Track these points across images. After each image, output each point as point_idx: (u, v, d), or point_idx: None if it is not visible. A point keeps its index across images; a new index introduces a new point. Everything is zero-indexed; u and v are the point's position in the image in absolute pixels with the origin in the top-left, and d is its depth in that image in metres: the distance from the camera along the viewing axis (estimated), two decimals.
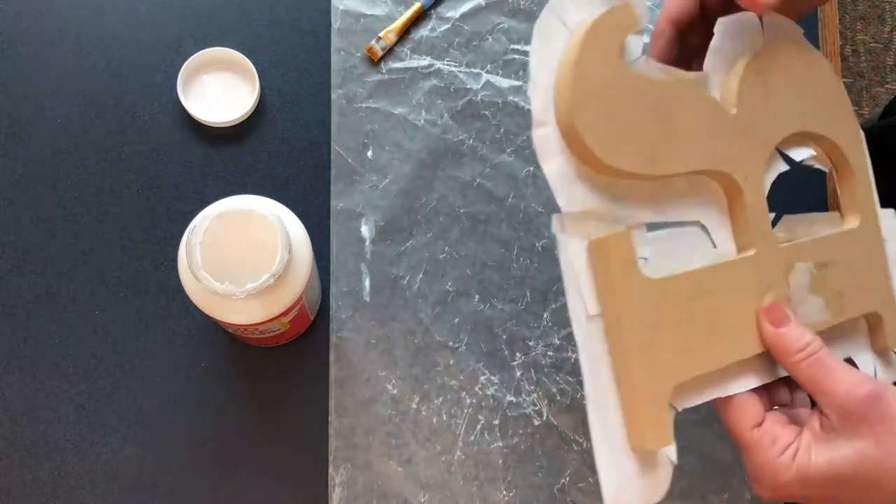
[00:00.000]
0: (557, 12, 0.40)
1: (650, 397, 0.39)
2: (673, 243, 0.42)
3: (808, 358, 0.40)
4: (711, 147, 0.42)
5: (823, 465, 0.38)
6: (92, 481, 0.59)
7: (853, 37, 1.56)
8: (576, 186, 0.40)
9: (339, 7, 0.68)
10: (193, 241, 0.48)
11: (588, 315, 0.39)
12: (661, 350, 0.39)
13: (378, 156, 0.66)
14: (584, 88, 0.38)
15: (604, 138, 0.39)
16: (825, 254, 0.45)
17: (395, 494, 0.59)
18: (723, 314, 0.41)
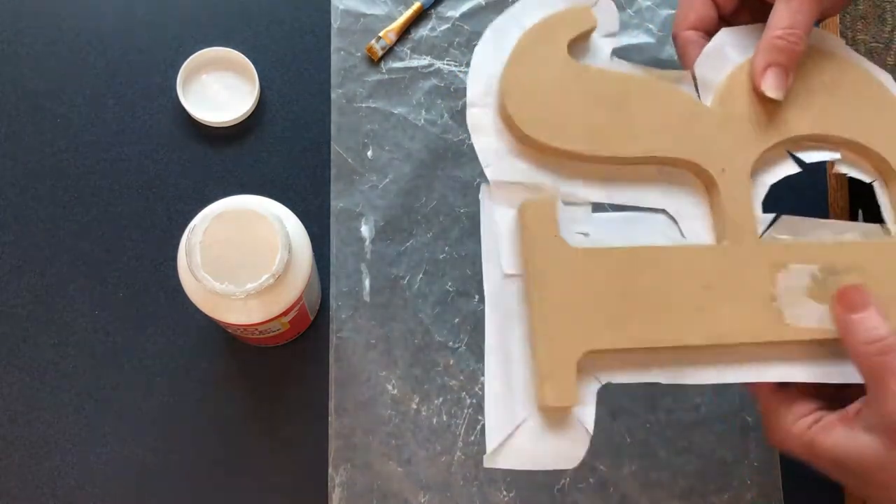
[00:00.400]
0: (516, 15, 0.43)
1: (553, 355, 0.38)
2: (625, 226, 0.42)
3: (878, 356, 0.38)
4: (678, 136, 0.42)
5: (841, 450, 0.39)
6: (92, 481, 0.59)
7: (854, 36, 1.56)
8: (507, 160, 0.41)
9: (339, 7, 0.68)
10: (193, 241, 0.48)
11: (504, 273, 0.40)
12: (575, 315, 0.39)
13: (378, 156, 0.66)
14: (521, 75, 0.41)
15: (538, 120, 0.40)
16: (842, 259, 0.43)
17: (395, 495, 0.59)
18: (667, 295, 0.40)
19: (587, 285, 0.40)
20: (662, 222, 0.43)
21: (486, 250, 0.41)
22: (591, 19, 0.42)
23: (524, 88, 0.41)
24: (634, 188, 0.43)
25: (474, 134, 0.41)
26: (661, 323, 0.40)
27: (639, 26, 0.70)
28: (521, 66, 0.41)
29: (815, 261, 0.43)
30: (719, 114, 0.43)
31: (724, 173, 0.43)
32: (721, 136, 0.43)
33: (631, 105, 0.42)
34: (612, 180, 0.43)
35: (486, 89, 0.42)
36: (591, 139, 0.41)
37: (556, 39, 0.42)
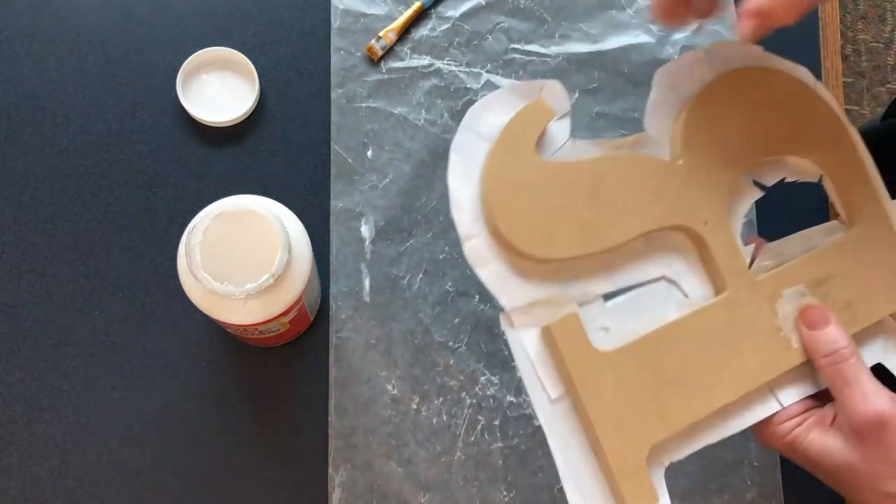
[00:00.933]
0: (472, 127, 0.42)
1: (626, 463, 0.40)
2: (636, 305, 0.44)
3: (832, 366, 0.42)
4: (655, 206, 0.43)
5: (813, 451, 0.41)
6: (92, 481, 0.59)
7: (854, 36, 1.56)
8: (516, 284, 0.42)
9: (339, 6, 0.68)
10: (193, 240, 0.48)
11: (550, 399, 0.41)
12: (630, 417, 0.41)
13: (378, 156, 0.65)
14: (502, 193, 0.41)
15: (530, 235, 0.41)
16: (821, 269, 0.45)
17: (395, 495, 0.59)
18: (697, 365, 0.42)
19: (628, 384, 0.41)
20: (664, 289, 0.45)
21: (527, 379, 0.42)
22: (547, 112, 0.43)
23: (510, 207, 0.41)
24: (631, 267, 0.44)
25: (477, 268, 0.42)
26: (699, 395, 0.42)
27: (639, 26, 0.70)
28: (499, 185, 0.41)
29: (800, 280, 0.45)
30: (683, 167, 0.44)
31: (706, 225, 0.44)
32: (692, 189, 0.44)
33: (606, 190, 0.43)
34: (611, 267, 0.44)
35: (473, 217, 0.42)
36: (583, 240, 0.42)
37: (523, 147, 0.42)
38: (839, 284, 0.45)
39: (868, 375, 0.41)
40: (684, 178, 0.44)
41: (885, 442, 0.39)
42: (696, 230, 0.44)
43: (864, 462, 0.40)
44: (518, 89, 0.43)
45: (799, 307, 0.44)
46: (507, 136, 0.42)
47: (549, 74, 0.68)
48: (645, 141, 0.45)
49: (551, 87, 0.43)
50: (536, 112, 0.42)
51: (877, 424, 0.39)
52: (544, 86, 0.43)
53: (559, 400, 0.41)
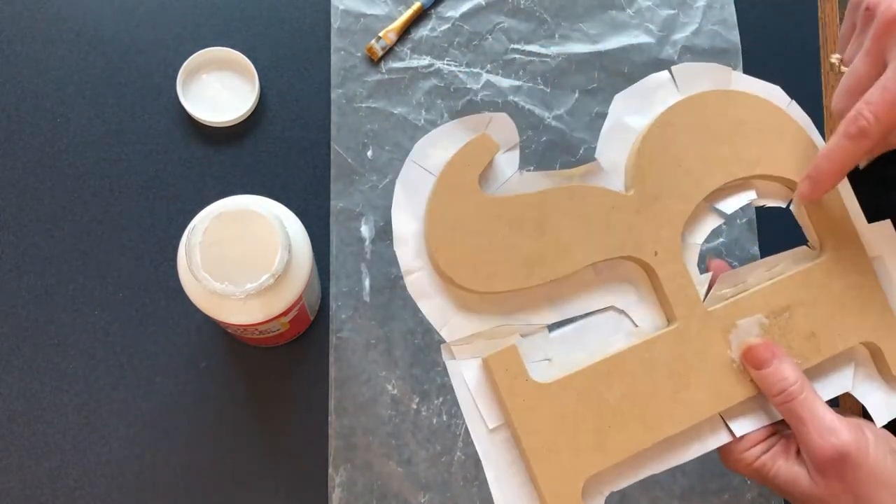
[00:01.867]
0: (418, 161, 0.42)
1: (559, 496, 0.40)
2: (581, 335, 0.43)
3: (784, 404, 0.41)
4: (604, 237, 0.43)
5: (781, 480, 0.42)
6: (92, 481, 0.59)
7: None
8: (457, 317, 0.42)
9: (339, 7, 0.68)
10: (193, 241, 0.48)
11: (488, 429, 0.41)
12: (566, 449, 0.41)
13: (378, 156, 0.66)
14: (442, 228, 0.41)
15: (471, 270, 0.41)
16: (783, 298, 0.44)
17: (395, 495, 0.59)
18: (639, 398, 0.42)
19: (566, 417, 0.41)
20: (613, 319, 0.44)
21: (466, 409, 0.42)
22: (492, 146, 0.42)
23: (450, 243, 0.41)
24: (579, 297, 0.44)
25: (419, 301, 0.42)
26: (640, 427, 0.42)
27: (639, 26, 0.70)
28: (440, 220, 0.41)
29: (758, 310, 0.44)
30: (634, 197, 0.43)
31: (656, 256, 0.43)
32: (643, 219, 0.43)
33: (553, 223, 0.42)
34: (557, 298, 0.43)
35: (417, 251, 0.42)
36: (527, 272, 0.42)
37: (465, 182, 0.42)
38: (802, 313, 0.44)
39: (824, 409, 0.41)
40: (635, 208, 0.43)
41: (847, 476, 0.39)
42: (646, 260, 0.43)
43: (829, 496, 0.40)
44: (465, 123, 0.42)
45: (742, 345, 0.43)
46: (451, 172, 0.41)
47: (549, 74, 0.68)
48: (597, 171, 0.44)
49: (499, 119, 0.43)
50: (481, 146, 0.42)
51: (836, 460, 0.39)
52: (491, 119, 0.43)
53: (497, 430, 0.41)
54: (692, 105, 0.44)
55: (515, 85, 0.68)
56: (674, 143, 0.44)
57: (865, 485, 0.39)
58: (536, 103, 0.68)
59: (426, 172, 0.42)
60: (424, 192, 0.42)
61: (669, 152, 0.44)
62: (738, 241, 0.66)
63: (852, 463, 0.39)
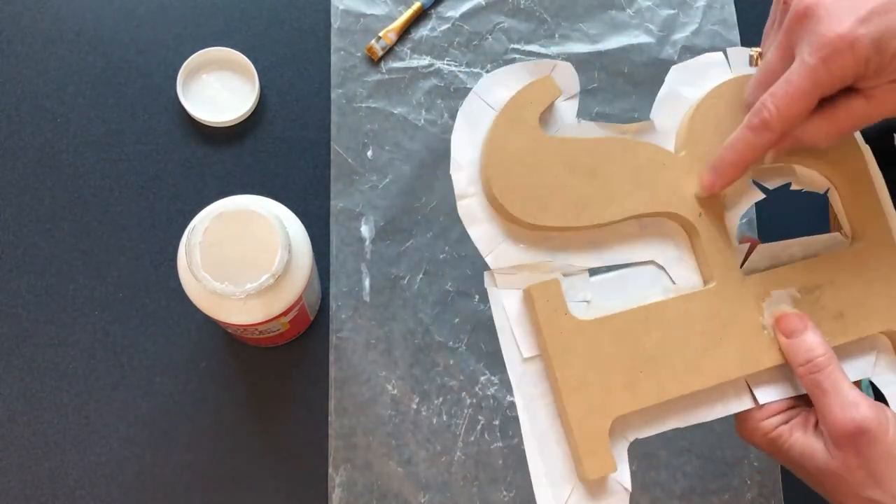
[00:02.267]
0: (482, 95, 0.44)
1: (587, 430, 0.41)
2: (621, 283, 0.44)
3: (809, 375, 0.42)
4: (653, 192, 0.44)
5: (796, 452, 0.42)
6: (92, 481, 0.59)
7: None
8: (505, 245, 0.43)
9: (339, 7, 0.68)
10: (193, 241, 0.48)
11: (523, 358, 0.42)
12: (597, 387, 0.41)
13: (378, 156, 0.66)
14: (500, 159, 0.42)
15: (524, 201, 0.42)
16: (816, 276, 0.45)
17: (395, 495, 0.59)
18: (673, 348, 0.43)
19: (601, 355, 0.42)
20: (652, 273, 0.45)
21: (503, 337, 0.43)
22: (554, 90, 0.44)
23: (506, 173, 0.42)
24: (622, 247, 0.45)
25: (469, 226, 0.43)
26: (671, 376, 0.42)
27: (639, 26, 0.70)
28: (499, 151, 0.43)
29: (792, 283, 0.45)
30: (685, 159, 0.45)
31: (701, 217, 0.45)
32: (691, 181, 0.45)
33: (604, 170, 0.44)
34: (601, 244, 0.45)
35: (470, 178, 0.43)
36: (575, 213, 0.43)
37: (527, 118, 0.43)
38: (832, 293, 0.45)
39: (847, 384, 0.41)
40: (685, 169, 0.45)
41: (864, 451, 0.40)
42: (690, 220, 0.44)
43: (844, 469, 0.40)
44: (530, 66, 0.44)
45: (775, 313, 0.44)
46: (513, 107, 0.43)
47: None
48: (650, 130, 0.45)
49: (563, 67, 0.45)
50: (544, 88, 0.44)
51: (855, 434, 0.40)
52: (556, 66, 0.44)
53: (531, 361, 0.42)
54: (744, 84, 0.46)
55: None
56: (724, 117, 0.45)
57: (881, 462, 0.39)
58: None
59: (487, 106, 0.44)
60: (484, 125, 0.43)
61: (719, 124, 0.45)
62: None
63: (871, 438, 0.39)
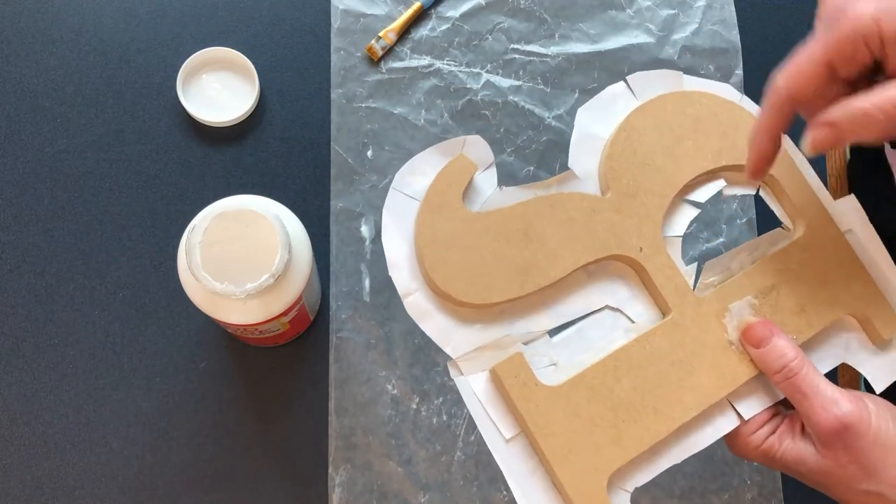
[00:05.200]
0: (401, 189, 0.44)
1: (586, 495, 0.41)
2: (582, 337, 0.44)
3: (786, 381, 0.42)
4: (589, 239, 0.44)
5: (789, 458, 0.42)
6: (92, 481, 0.59)
7: None
8: (459, 332, 0.43)
9: (339, 7, 0.68)
10: (193, 241, 0.48)
11: (505, 439, 0.42)
12: (585, 449, 0.41)
13: (378, 156, 0.66)
14: (434, 248, 0.42)
15: (468, 285, 0.42)
16: (768, 278, 0.45)
17: (395, 495, 0.59)
18: (649, 389, 0.43)
19: (581, 416, 0.42)
20: (610, 317, 0.45)
21: (481, 422, 0.43)
22: (470, 166, 0.44)
23: (444, 261, 0.42)
24: (574, 300, 0.45)
25: (420, 321, 0.43)
26: (654, 418, 0.42)
27: (639, 26, 0.70)
28: (430, 241, 0.43)
29: (747, 291, 0.45)
30: (611, 198, 0.45)
31: (641, 251, 0.45)
32: (623, 218, 0.45)
33: (538, 231, 0.44)
34: (553, 303, 0.45)
35: (410, 273, 0.43)
36: (521, 281, 0.43)
37: (450, 201, 0.43)
38: (788, 290, 0.45)
39: (824, 383, 0.41)
40: (614, 209, 0.45)
41: (852, 445, 0.40)
42: (632, 257, 0.44)
43: (837, 467, 0.41)
44: (440, 148, 0.44)
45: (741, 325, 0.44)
46: (434, 194, 0.43)
47: (549, 74, 0.68)
48: (572, 178, 0.45)
49: (473, 141, 0.45)
50: (461, 166, 0.44)
51: (840, 430, 0.40)
52: (465, 141, 0.45)
53: (514, 440, 0.42)
54: (653, 108, 0.46)
55: (515, 85, 0.68)
56: (641, 145, 0.46)
57: (870, 452, 0.40)
58: (536, 103, 0.68)
59: (410, 199, 0.44)
60: (411, 217, 0.43)
61: (638, 154, 0.45)
62: (738, 240, 0.66)
63: (855, 432, 0.40)
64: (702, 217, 0.66)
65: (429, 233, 0.42)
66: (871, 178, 0.56)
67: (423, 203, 0.43)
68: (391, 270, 0.43)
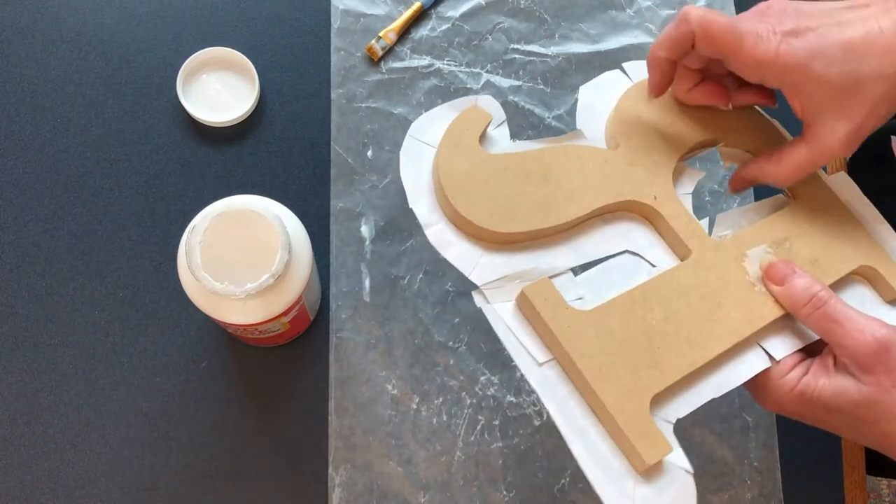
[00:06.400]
0: (416, 136, 0.46)
1: (630, 416, 0.40)
2: (606, 277, 0.45)
3: (816, 311, 0.42)
4: (605, 185, 0.45)
5: (828, 395, 0.41)
6: (92, 481, 0.59)
7: None
8: (484, 260, 0.43)
9: (339, 7, 0.68)
10: (193, 241, 0.48)
11: (538, 363, 0.42)
12: (623, 369, 0.41)
13: (378, 156, 0.66)
14: (454, 181, 0.43)
15: (489, 213, 0.43)
16: (779, 231, 0.46)
17: (395, 495, 0.59)
18: (681, 318, 0.43)
19: (615, 339, 0.42)
20: (632, 261, 0.46)
21: (512, 349, 0.42)
22: (484, 115, 0.45)
23: (464, 192, 0.43)
24: (594, 243, 0.46)
25: (442, 250, 0.44)
26: (689, 346, 0.42)
27: (639, 26, 0.70)
28: (450, 175, 0.43)
29: (761, 241, 0.46)
30: (623, 151, 0.47)
31: (656, 199, 0.46)
32: (636, 169, 0.46)
33: (555, 174, 0.45)
34: (573, 243, 0.46)
35: (430, 207, 0.44)
36: (542, 215, 0.44)
37: (468, 142, 0.45)
38: (800, 243, 0.46)
39: (854, 310, 0.41)
40: (627, 161, 0.46)
41: (893, 365, 0.39)
42: (647, 203, 0.46)
43: (880, 392, 0.40)
44: (453, 104, 0.46)
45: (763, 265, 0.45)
46: (452, 135, 0.45)
47: (549, 74, 0.68)
48: (581, 137, 0.47)
49: (483, 99, 0.47)
50: (475, 115, 0.45)
51: (880, 351, 0.39)
52: (478, 99, 0.46)
53: (547, 365, 0.42)
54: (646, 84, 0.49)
55: (515, 85, 0.68)
56: (642, 113, 0.48)
57: None
58: (536, 103, 0.68)
59: (426, 145, 0.45)
60: (427, 161, 0.45)
61: (640, 120, 0.47)
62: None
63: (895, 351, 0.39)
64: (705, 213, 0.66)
65: (448, 166, 0.43)
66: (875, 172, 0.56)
67: (442, 141, 0.44)
68: (412, 203, 0.44)
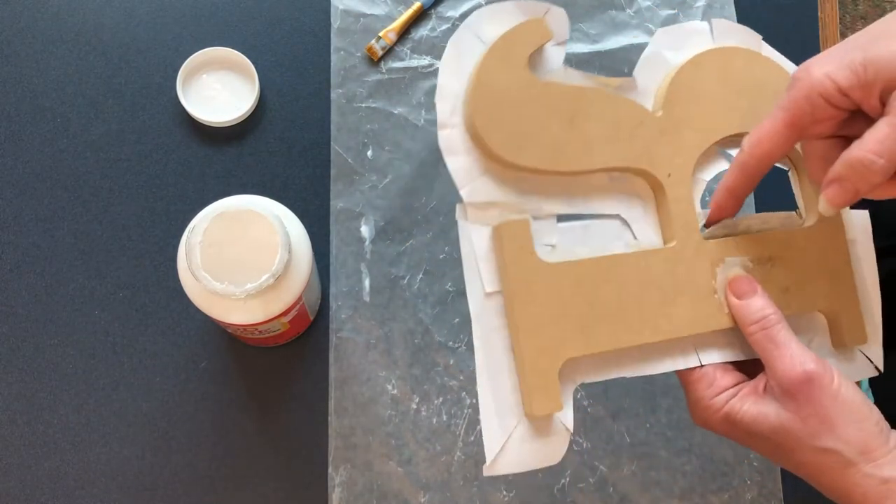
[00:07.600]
0: (473, 28, 0.44)
1: (539, 368, 0.42)
2: (586, 233, 0.46)
3: (761, 331, 0.43)
4: (625, 146, 0.45)
5: (749, 419, 0.43)
6: (92, 481, 0.59)
7: None
8: (480, 180, 0.44)
9: (339, 7, 0.68)
10: (193, 240, 0.48)
11: (485, 292, 0.43)
12: (553, 327, 0.42)
13: (378, 156, 0.66)
14: (485, 94, 0.43)
15: (504, 138, 0.43)
16: (769, 249, 0.46)
17: (395, 495, 0.59)
18: (629, 299, 0.44)
19: (560, 298, 0.43)
20: (617, 227, 0.46)
21: (468, 269, 0.44)
22: (546, 33, 0.44)
23: (490, 109, 0.43)
24: (591, 198, 0.46)
25: (447, 155, 0.43)
26: (624, 326, 0.44)
27: (639, 26, 0.70)
28: (485, 87, 0.43)
29: (746, 253, 0.46)
30: (661, 119, 0.46)
31: (669, 177, 0.46)
32: (665, 141, 0.46)
33: (583, 119, 0.45)
34: (571, 192, 0.46)
35: (453, 109, 0.44)
36: (552, 157, 0.44)
37: (516, 58, 0.44)
38: (780, 267, 0.46)
39: (795, 339, 0.43)
40: (659, 129, 0.46)
41: (815, 398, 0.41)
42: (659, 179, 0.46)
43: (797, 420, 0.41)
44: (524, 6, 0.44)
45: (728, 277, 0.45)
46: (503, 45, 0.43)
47: None
48: (631, 87, 0.46)
49: (556, 12, 0.45)
50: (536, 29, 0.44)
51: (806, 381, 0.41)
52: (549, 9, 0.45)
53: (492, 296, 0.43)
54: (724, 54, 0.47)
55: None
56: (702, 83, 0.47)
57: (831, 406, 0.41)
58: None
59: (479, 41, 0.44)
60: (473, 58, 0.44)
61: (696, 90, 0.47)
62: None
63: (819, 384, 0.41)
64: None
65: (486, 78, 0.43)
66: None
67: (490, 50, 0.43)
68: (437, 99, 0.43)
